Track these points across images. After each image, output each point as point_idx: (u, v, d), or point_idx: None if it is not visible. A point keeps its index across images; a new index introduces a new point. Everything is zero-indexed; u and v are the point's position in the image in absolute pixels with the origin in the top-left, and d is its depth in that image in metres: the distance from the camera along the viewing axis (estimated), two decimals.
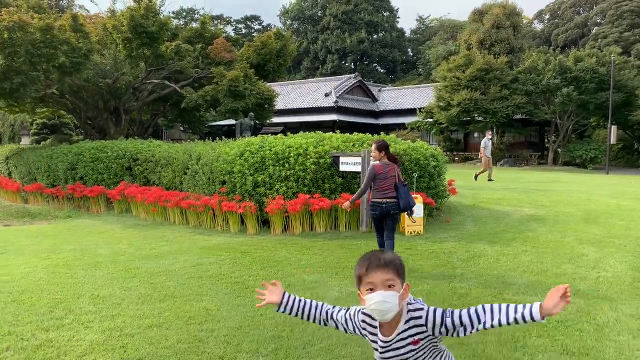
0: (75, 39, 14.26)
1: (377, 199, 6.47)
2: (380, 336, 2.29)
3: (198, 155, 11.48)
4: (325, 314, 2.49)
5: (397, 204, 6.44)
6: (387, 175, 6.46)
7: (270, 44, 18.71)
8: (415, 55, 63.00)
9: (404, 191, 6.48)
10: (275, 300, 2.49)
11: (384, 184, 6.45)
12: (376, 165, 6.56)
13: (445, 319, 2.20)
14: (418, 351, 2.27)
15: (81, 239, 9.29)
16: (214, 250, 7.95)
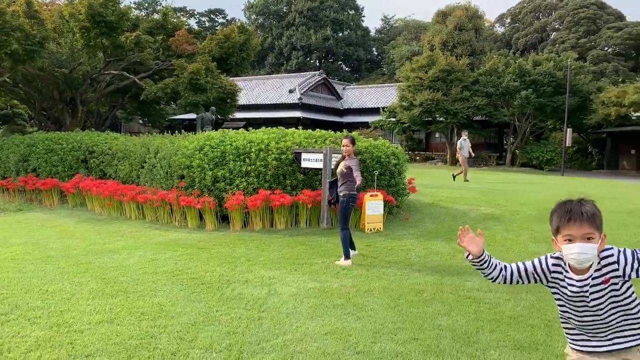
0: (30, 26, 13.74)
1: (355, 191, 6.92)
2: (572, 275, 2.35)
3: (156, 148, 11.23)
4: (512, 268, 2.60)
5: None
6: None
7: (234, 37, 18.49)
8: (380, 55, 63.44)
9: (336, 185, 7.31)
10: (476, 252, 2.60)
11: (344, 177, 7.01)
12: (356, 160, 7.05)
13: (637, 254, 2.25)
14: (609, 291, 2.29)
15: (32, 233, 8.96)
16: (171, 245, 7.80)
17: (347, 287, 5.63)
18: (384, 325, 4.51)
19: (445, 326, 4.53)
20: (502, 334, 4.40)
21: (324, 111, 38.91)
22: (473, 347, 4.10)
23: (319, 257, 7.02)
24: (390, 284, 5.79)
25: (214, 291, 5.42)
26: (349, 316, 4.72)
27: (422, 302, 5.17)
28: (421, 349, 4.04)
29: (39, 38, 13.76)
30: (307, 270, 6.37)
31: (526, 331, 4.49)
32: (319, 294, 5.38)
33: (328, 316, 4.72)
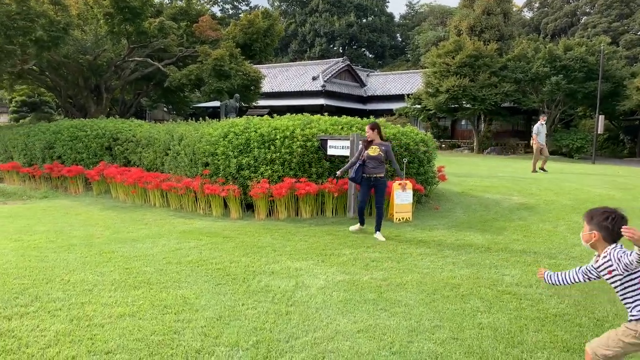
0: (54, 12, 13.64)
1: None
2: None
3: (180, 135, 11.08)
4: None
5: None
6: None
7: (257, 23, 18.19)
8: (404, 41, 62.50)
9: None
10: None
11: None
12: (389, 145, 7.62)
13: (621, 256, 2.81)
14: (615, 281, 2.97)
15: (56, 221, 8.88)
16: (195, 234, 7.62)
17: (378, 280, 5.35)
18: (420, 323, 4.23)
19: (486, 324, 4.23)
20: (548, 334, 4.08)
21: (347, 98, 38.46)
22: (518, 349, 3.80)
23: (347, 248, 6.76)
24: (424, 278, 5.50)
25: (239, 283, 5.21)
26: (382, 312, 4.46)
27: (459, 298, 4.87)
28: (462, 350, 3.75)
29: (63, 24, 13.67)
30: (335, 261, 6.11)
31: (574, 331, 4.17)
32: (348, 287, 5.12)
33: (359, 312, 4.46)
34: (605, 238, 2.92)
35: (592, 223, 2.98)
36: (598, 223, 2.94)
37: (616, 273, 2.91)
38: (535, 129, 16.95)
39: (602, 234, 2.92)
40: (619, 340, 2.98)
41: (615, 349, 2.98)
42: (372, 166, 7.46)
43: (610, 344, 3.01)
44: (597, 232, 2.94)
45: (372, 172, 7.48)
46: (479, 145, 31.58)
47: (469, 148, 32.70)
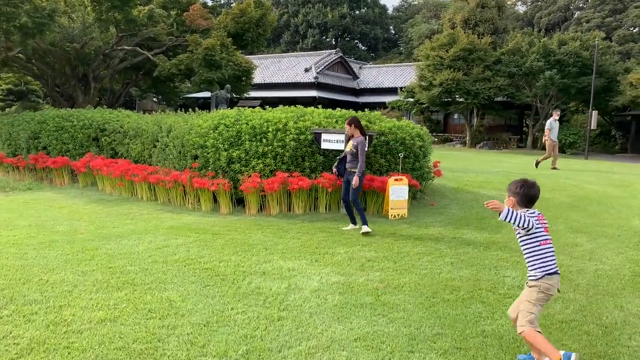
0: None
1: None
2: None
3: (169, 127, 10.75)
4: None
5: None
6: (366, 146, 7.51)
7: (250, 12, 17.80)
8: (398, 34, 62.16)
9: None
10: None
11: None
12: (363, 140, 7.33)
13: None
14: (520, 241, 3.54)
15: (39, 214, 8.55)
16: (183, 230, 7.33)
17: (375, 282, 5.11)
18: (420, 330, 3.99)
19: (490, 332, 4.00)
20: (555, 343, 3.85)
21: (340, 91, 38.14)
22: None
23: (342, 246, 6.51)
24: (422, 279, 5.26)
25: (228, 284, 4.94)
26: (379, 318, 4.21)
27: (459, 302, 4.64)
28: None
29: (48, 10, 13.22)
30: (329, 261, 5.86)
31: (582, 340, 3.95)
32: (344, 289, 4.87)
33: (356, 317, 4.21)
34: (518, 203, 3.49)
35: (510, 191, 3.55)
36: (512, 190, 3.54)
37: (518, 233, 3.52)
38: (548, 124, 16.18)
39: (516, 199, 3.50)
40: (531, 301, 3.45)
41: (533, 309, 3.43)
42: (349, 161, 7.45)
43: (529, 308, 3.43)
44: (512, 198, 3.52)
45: (349, 167, 7.44)
46: (472, 139, 31.43)
47: (462, 142, 32.56)
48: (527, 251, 3.50)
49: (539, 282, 3.45)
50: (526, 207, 3.47)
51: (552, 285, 3.45)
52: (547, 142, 16.19)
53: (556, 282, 3.48)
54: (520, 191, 3.48)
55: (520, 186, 3.50)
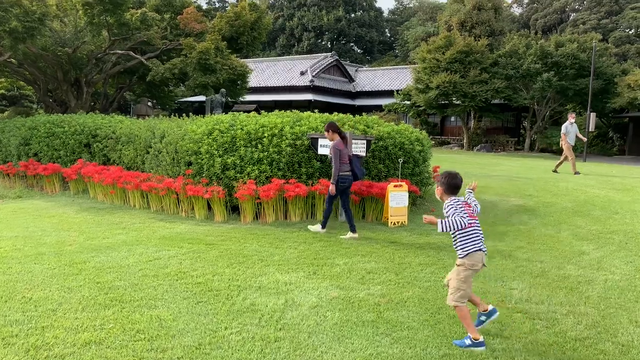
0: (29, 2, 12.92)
1: (345, 172, 7.24)
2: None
3: (162, 132, 10.50)
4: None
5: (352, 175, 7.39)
6: (345, 150, 7.32)
7: (244, 15, 17.56)
8: (393, 37, 62.03)
9: (358, 162, 7.49)
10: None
11: (346, 159, 7.26)
12: (338, 143, 7.24)
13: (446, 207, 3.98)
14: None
15: (27, 224, 8.28)
16: (176, 241, 7.07)
17: (376, 297, 4.87)
18: (426, 351, 3.74)
19: (500, 352, 3.76)
20: None
21: (336, 94, 37.94)
22: None
23: (341, 257, 6.26)
24: (426, 293, 5.02)
25: (222, 300, 4.68)
26: (382, 337, 3.96)
27: None
28: None
29: (38, 14, 12.95)
30: (327, 273, 5.61)
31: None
32: (344, 305, 4.62)
33: (357, 337, 3.96)
34: (445, 191, 4.05)
35: (438, 182, 4.12)
36: (440, 181, 4.08)
37: (447, 212, 3.95)
38: (563, 128, 15.70)
39: (443, 189, 4.06)
40: (460, 278, 3.91)
41: (463, 286, 3.89)
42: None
43: (459, 285, 3.90)
44: (440, 188, 4.09)
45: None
46: (469, 142, 31.26)
47: (459, 145, 32.38)
48: (454, 235, 4.04)
49: (464, 259, 3.95)
50: (452, 194, 4.04)
51: (476, 262, 3.93)
52: (565, 146, 15.79)
53: (480, 259, 3.95)
54: (446, 181, 4.04)
55: (446, 177, 4.05)
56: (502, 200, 10.31)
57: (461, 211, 3.87)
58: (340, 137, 7.32)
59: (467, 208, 3.98)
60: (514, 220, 8.58)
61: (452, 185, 4.04)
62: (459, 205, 3.91)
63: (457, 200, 3.96)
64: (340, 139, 7.30)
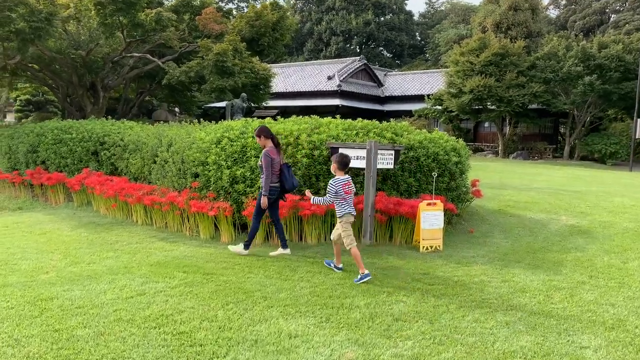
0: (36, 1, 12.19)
1: (274, 184, 6.51)
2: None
3: (169, 140, 9.55)
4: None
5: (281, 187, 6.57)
6: (278, 159, 6.53)
7: (266, 15, 16.56)
8: (424, 40, 60.56)
9: (290, 172, 6.61)
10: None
11: (277, 168, 6.50)
12: (269, 150, 6.48)
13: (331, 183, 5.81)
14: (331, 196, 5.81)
15: (10, 243, 7.38)
16: (170, 268, 6.03)
17: (406, 358, 3.71)
18: None
19: None
20: None
21: (364, 99, 36.77)
22: None
23: (362, 295, 5.12)
24: (471, 353, 3.84)
25: None
26: None
27: None
28: None
29: (45, 14, 12.21)
30: (344, 319, 4.48)
31: None
32: None
33: None
34: (338, 168, 5.77)
35: (333, 160, 5.86)
36: (334, 160, 5.84)
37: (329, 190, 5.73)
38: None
39: (336, 166, 5.77)
40: (345, 230, 5.75)
41: (347, 232, 5.74)
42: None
43: (347, 234, 5.74)
44: (334, 164, 5.78)
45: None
46: (504, 149, 29.69)
47: (493, 152, 30.82)
48: (337, 204, 5.75)
49: (342, 218, 5.75)
50: (343, 170, 5.75)
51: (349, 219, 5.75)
52: None
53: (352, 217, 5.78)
54: (338, 159, 5.75)
55: (337, 156, 5.82)
56: (550, 219, 9.00)
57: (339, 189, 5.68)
58: (273, 143, 6.55)
59: (346, 186, 5.73)
60: (569, 245, 7.30)
61: (343, 163, 5.78)
62: (339, 185, 5.70)
63: (342, 180, 5.73)
64: (273, 145, 6.53)
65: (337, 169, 5.72)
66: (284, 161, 6.62)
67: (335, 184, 5.66)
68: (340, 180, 5.69)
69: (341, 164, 5.73)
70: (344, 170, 5.76)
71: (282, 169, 6.50)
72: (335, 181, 5.67)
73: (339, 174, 5.71)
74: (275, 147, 6.55)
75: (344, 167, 5.74)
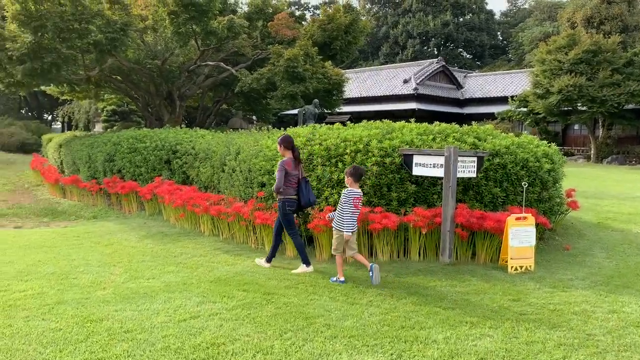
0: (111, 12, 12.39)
1: (292, 196, 6.29)
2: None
3: (237, 148, 9.25)
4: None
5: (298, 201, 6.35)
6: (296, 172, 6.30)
7: (338, 18, 16.05)
8: (506, 40, 57.98)
9: (307, 187, 6.37)
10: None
11: (293, 182, 6.28)
12: (287, 161, 6.27)
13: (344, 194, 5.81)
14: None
15: (78, 254, 7.29)
16: (230, 286, 5.61)
17: None
18: None
19: None
20: None
21: (442, 102, 35.50)
22: None
23: (440, 325, 4.43)
24: None
25: None
26: None
27: None
28: None
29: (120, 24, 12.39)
30: (419, 357, 3.82)
31: None
32: None
33: None
34: (354, 180, 5.73)
35: (347, 174, 5.77)
36: (348, 173, 5.75)
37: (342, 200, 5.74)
38: None
39: (352, 179, 5.72)
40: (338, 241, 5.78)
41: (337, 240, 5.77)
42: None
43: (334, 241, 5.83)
44: (350, 178, 5.72)
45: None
46: (597, 153, 27.47)
47: (585, 157, 28.61)
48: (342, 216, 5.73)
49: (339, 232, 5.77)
50: (357, 181, 5.78)
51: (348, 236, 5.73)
52: None
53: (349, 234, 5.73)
54: (352, 171, 5.75)
55: (352, 169, 5.78)
56: None
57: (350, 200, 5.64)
58: (293, 155, 6.30)
59: (356, 200, 5.67)
60: None
61: (357, 174, 5.72)
62: (351, 197, 5.65)
63: (355, 193, 5.68)
64: (292, 157, 6.29)
65: (352, 182, 5.69)
66: (303, 175, 6.37)
67: (348, 194, 5.66)
68: (353, 192, 5.67)
69: (356, 176, 5.69)
70: (358, 183, 5.75)
71: (300, 183, 6.28)
72: (349, 192, 5.67)
73: (353, 186, 5.69)
74: (295, 159, 6.31)
75: (358, 178, 5.72)
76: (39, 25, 11.40)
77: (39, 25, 11.40)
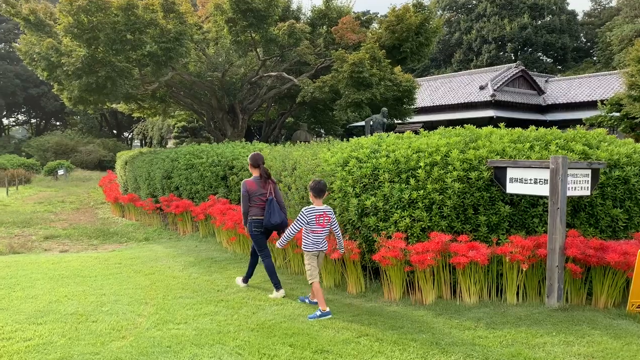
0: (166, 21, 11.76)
1: (258, 217, 6.02)
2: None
3: (294, 163, 8.18)
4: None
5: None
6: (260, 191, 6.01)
7: (409, 18, 14.66)
8: (590, 41, 54.03)
9: (271, 207, 5.94)
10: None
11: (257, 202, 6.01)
12: (250, 180, 6.09)
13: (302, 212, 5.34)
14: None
15: (111, 287, 6.41)
16: (274, 337, 4.45)
17: None
18: None
19: None
20: None
21: (521, 108, 33.05)
22: None
23: None
24: None
25: None
26: None
27: None
28: None
29: (174, 33, 11.72)
30: None
31: None
32: None
33: None
34: (314, 195, 5.25)
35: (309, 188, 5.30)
36: (309, 187, 5.29)
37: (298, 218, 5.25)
38: None
39: (312, 193, 5.25)
40: (307, 262, 5.23)
41: (310, 265, 5.20)
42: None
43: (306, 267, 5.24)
44: (311, 192, 5.25)
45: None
46: None
47: None
48: (304, 237, 5.24)
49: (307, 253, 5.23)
50: (319, 197, 5.25)
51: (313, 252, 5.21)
52: None
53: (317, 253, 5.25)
54: (312, 185, 5.26)
55: (312, 183, 5.26)
56: None
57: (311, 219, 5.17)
58: (259, 174, 6.06)
59: (320, 217, 5.21)
60: None
61: (317, 190, 5.26)
62: (311, 215, 5.20)
63: (317, 211, 5.24)
64: (257, 175, 6.07)
65: (313, 197, 5.25)
66: (273, 194, 6.01)
67: (307, 212, 5.18)
68: (315, 210, 5.21)
69: (315, 190, 5.23)
70: (320, 198, 5.27)
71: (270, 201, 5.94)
72: (308, 210, 5.21)
73: (316, 202, 5.25)
74: (261, 177, 6.02)
75: (318, 193, 5.24)
76: (91, 37, 10.95)
77: (91, 37, 10.95)
